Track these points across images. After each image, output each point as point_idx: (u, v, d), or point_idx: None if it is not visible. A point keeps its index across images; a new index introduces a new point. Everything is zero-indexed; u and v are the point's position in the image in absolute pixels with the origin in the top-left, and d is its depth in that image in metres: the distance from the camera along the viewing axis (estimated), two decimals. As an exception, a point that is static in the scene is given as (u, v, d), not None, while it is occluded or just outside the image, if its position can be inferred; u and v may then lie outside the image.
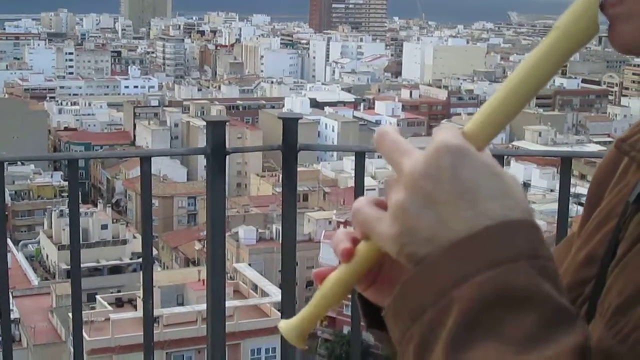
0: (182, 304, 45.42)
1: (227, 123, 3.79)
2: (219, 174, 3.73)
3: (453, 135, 0.99)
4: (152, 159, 3.58)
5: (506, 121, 1.03)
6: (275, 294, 47.18)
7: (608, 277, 1.12)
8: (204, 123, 3.80)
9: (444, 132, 1.00)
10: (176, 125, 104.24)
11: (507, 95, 1.02)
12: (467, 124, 1.04)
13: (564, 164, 4.00)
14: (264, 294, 47.33)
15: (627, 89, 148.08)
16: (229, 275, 44.91)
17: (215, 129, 3.69)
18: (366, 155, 3.91)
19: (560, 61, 1.03)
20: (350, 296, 1.22)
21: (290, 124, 3.81)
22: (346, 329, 49.01)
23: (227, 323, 4.07)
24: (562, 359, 0.91)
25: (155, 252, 57.41)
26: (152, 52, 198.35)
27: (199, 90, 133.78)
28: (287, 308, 4.10)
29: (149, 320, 3.79)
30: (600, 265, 1.15)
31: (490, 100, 1.04)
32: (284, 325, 1.14)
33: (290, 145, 3.80)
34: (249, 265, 53.84)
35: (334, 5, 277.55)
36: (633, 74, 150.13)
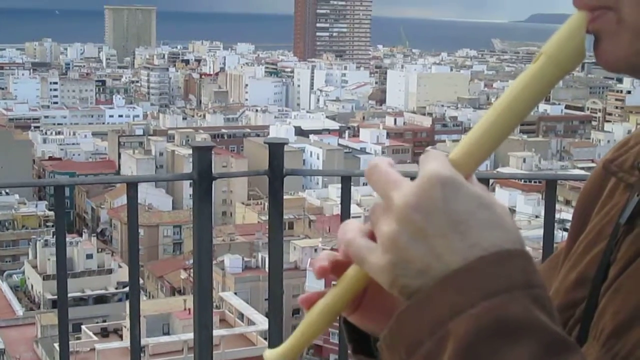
0: (168, 334, 45.24)
1: (213, 149, 3.77)
2: (206, 199, 3.72)
3: (443, 166, 0.98)
4: (138, 187, 3.58)
5: (493, 147, 1.03)
6: (262, 323, 47.05)
7: (600, 299, 1.12)
8: (189, 152, 3.80)
9: (433, 162, 0.99)
10: (161, 154, 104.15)
11: (494, 121, 1.02)
12: (453, 151, 1.03)
13: (549, 187, 4.00)
14: (250, 322, 47.25)
15: (610, 114, 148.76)
16: (215, 304, 44.79)
17: (201, 154, 3.69)
18: (352, 181, 3.91)
19: (546, 87, 1.02)
20: (338, 324, 1.22)
21: (276, 149, 3.81)
22: (332, 357, 48.87)
23: (214, 352, 4.04)
24: None
25: (140, 281, 57.20)
26: (137, 81, 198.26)
27: (184, 119, 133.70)
28: (274, 335, 4.07)
29: (136, 350, 3.77)
30: (591, 287, 1.16)
31: (476, 126, 1.03)
32: (270, 354, 1.11)
33: (276, 170, 3.79)
34: (235, 294, 53.70)
35: (318, 34, 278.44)
36: (616, 99, 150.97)
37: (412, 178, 1.01)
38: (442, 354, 0.93)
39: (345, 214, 3.92)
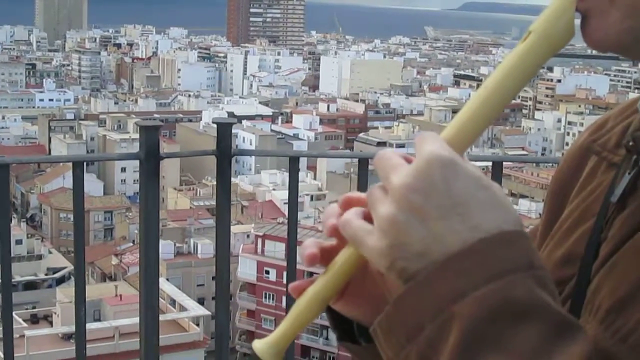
0: (99, 320, 44.83)
1: (160, 128, 3.72)
2: (153, 178, 3.66)
3: (441, 146, 0.97)
4: (67, 173, 3.51)
5: (484, 127, 1.02)
6: (193, 309, 46.96)
7: (592, 276, 1.11)
8: (121, 136, 3.74)
9: (430, 143, 0.97)
10: (92, 138, 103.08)
11: (484, 101, 1.01)
12: (444, 131, 1.02)
13: (495, 169, 4.01)
14: (182, 308, 47.05)
15: (540, 102, 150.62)
16: (147, 289, 44.50)
17: (149, 133, 3.63)
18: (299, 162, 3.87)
19: (535, 65, 1.01)
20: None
21: (224, 129, 3.76)
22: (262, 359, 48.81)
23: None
24: None
25: (70, 267, 56.75)
26: (68, 65, 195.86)
27: (116, 103, 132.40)
28: (221, 318, 4.01)
29: (82, 333, 3.69)
30: (580, 265, 1.15)
31: (467, 105, 1.02)
32: (259, 345, 1.10)
33: (224, 150, 3.74)
34: (167, 279, 53.44)
35: (251, 19, 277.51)
36: (546, 88, 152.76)
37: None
38: (445, 337, 0.92)
39: (293, 194, 3.88)
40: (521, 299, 0.92)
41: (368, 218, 1.01)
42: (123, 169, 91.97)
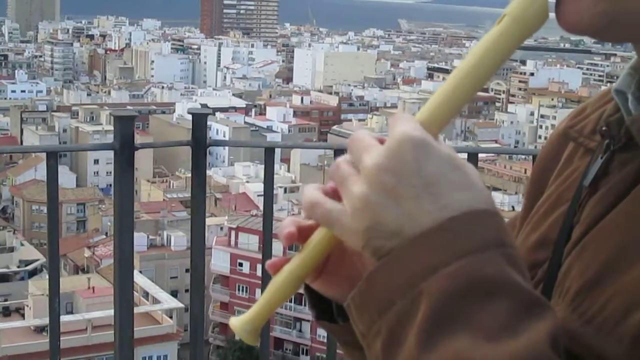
0: (71, 312, 44.65)
1: (135, 118, 3.68)
2: (128, 169, 3.62)
3: (414, 127, 0.98)
4: (39, 165, 3.48)
5: (458, 108, 1.03)
6: (167, 301, 46.87)
7: (564, 259, 1.13)
8: (94, 128, 3.70)
9: (403, 124, 0.98)
10: (65, 130, 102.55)
11: (459, 83, 1.01)
12: (419, 112, 1.03)
13: (470, 161, 3.99)
14: (155, 301, 46.94)
15: (513, 95, 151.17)
16: (120, 282, 44.32)
17: (123, 123, 3.59)
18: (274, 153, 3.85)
19: (510, 48, 1.02)
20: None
21: (199, 119, 3.73)
22: (238, 336, 48.79)
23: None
24: (536, 346, 0.90)
25: (43, 259, 56.46)
26: (40, 56, 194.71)
27: (88, 95, 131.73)
28: (196, 309, 3.98)
29: (55, 325, 3.66)
30: (554, 248, 1.16)
31: (442, 87, 1.03)
32: (235, 322, 1.10)
33: (199, 141, 3.71)
34: (140, 272, 53.28)
35: (225, 11, 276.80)
36: (519, 81, 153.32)
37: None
38: (415, 313, 0.93)
39: (268, 185, 3.87)
40: (490, 277, 0.93)
41: (334, 195, 1.03)
42: (96, 161, 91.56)
